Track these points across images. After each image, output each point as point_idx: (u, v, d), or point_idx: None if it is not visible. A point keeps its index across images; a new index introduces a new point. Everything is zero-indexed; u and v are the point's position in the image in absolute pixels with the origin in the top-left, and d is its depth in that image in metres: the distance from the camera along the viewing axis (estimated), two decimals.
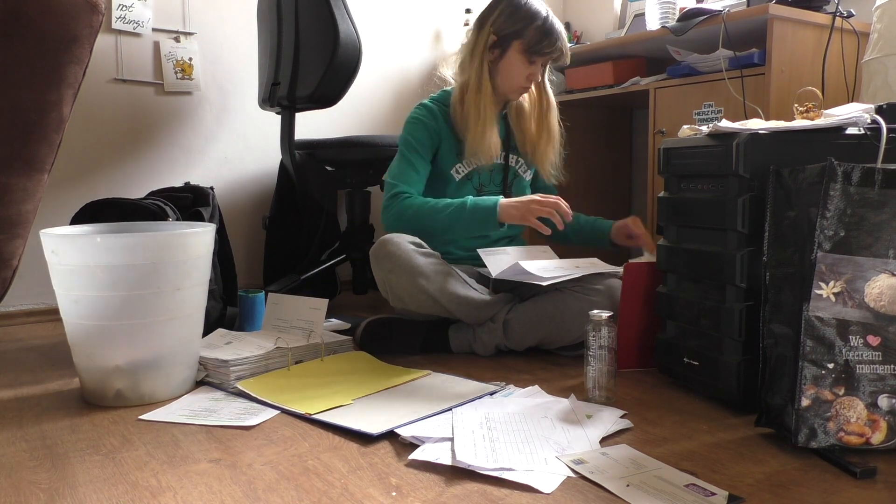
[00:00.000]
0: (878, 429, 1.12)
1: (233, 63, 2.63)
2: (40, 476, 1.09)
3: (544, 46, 1.84)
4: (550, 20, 1.85)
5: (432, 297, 1.70)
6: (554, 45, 1.85)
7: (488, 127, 1.85)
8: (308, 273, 2.34)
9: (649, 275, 1.60)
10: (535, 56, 1.84)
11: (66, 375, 1.63)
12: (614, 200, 3.12)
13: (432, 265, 1.72)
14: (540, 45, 1.83)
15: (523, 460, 1.10)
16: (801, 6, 2.07)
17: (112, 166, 2.44)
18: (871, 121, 1.30)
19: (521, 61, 1.85)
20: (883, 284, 1.13)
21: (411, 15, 2.98)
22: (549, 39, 1.83)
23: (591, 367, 1.40)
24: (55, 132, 1.34)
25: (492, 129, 1.86)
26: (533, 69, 1.86)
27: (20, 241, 1.42)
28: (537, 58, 1.85)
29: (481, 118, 1.85)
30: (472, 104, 1.86)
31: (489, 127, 1.86)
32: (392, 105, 2.95)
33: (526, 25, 1.83)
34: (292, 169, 2.34)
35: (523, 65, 1.85)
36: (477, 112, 1.85)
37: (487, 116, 1.86)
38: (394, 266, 1.70)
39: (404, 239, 1.74)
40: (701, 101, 2.23)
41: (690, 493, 0.99)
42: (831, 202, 1.13)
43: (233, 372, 1.50)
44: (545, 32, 1.83)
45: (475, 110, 1.85)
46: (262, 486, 1.04)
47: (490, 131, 1.86)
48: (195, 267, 1.44)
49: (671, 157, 1.47)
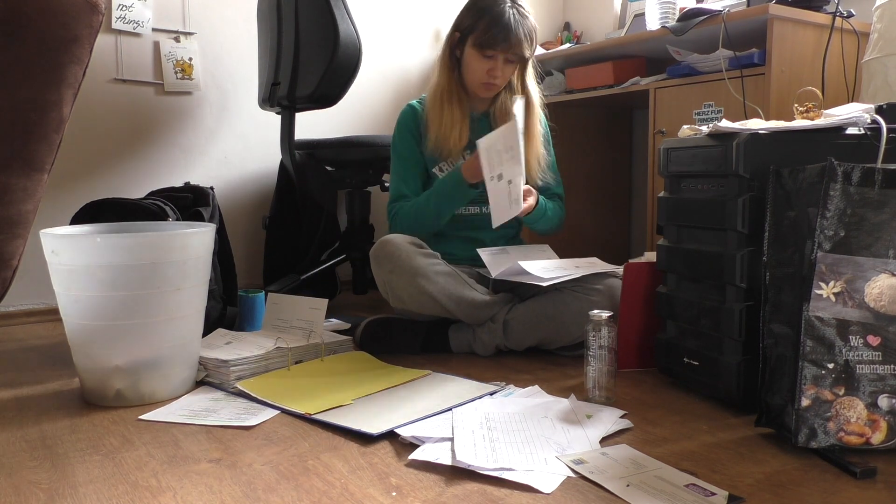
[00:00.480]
0: (878, 429, 1.12)
1: (233, 63, 2.63)
2: (40, 476, 1.09)
3: (492, 38, 1.78)
4: (504, 11, 1.78)
5: (432, 297, 1.70)
6: (501, 36, 1.78)
7: (447, 122, 1.85)
8: (308, 273, 2.34)
9: (649, 275, 1.60)
10: (486, 49, 1.80)
11: (66, 375, 1.63)
12: (614, 200, 3.12)
13: (432, 265, 1.72)
14: (487, 36, 1.79)
15: (523, 460, 1.10)
16: (801, 6, 2.07)
17: (112, 166, 2.44)
18: (871, 121, 1.30)
19: (475, 56, 1.82)
20: (883, 284, 1.13)
21: (411, 15, 2.98)
22: (496, 30, 1.78)
23: (591, 367, 1.40)
24: (55, 132, 1.34)
25: (453, 124, 1.85)
26: (491, 63, 1.82)
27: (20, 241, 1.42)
28: (489, 51, 1.80)
29: (442, 114, 1.85)
30: (434, 100, 1.88)
31: (448, 122, 1.85)
32: (392, 105, 2.94)
33: (478, 18, 1.81)
34: (292, 169, 2.34)
35: (479, 59, 1.82)
36: (439, 108, 1.86)
37: (448, 112, 1.85)
38: (394, 267, 1.71)
39: (404, 239, 1.74)
40: (701, 101, 2.23)
41: (690, 493, 0.99)
42: (831, 202, 1.13)
43: (233, 372, 1.50)
44: (494, 23, 1.78)
45: (437, 109, 1.87)
46: (262, 486, 1.04)
47: (450, 126, 1.85)
48: (195, 267, 1.44)
49: (671, 157, 1.47)
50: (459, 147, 1.88)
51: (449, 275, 1.72)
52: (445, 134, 1.86)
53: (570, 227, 2.93)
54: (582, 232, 3.00)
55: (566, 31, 3.29)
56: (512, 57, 1.82)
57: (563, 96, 2.77)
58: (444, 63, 1.89)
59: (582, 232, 3.00)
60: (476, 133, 1.88)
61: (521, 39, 1.79)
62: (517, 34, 1.78)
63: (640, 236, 3.11)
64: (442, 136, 1.86)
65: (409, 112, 1.95)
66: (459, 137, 1.87)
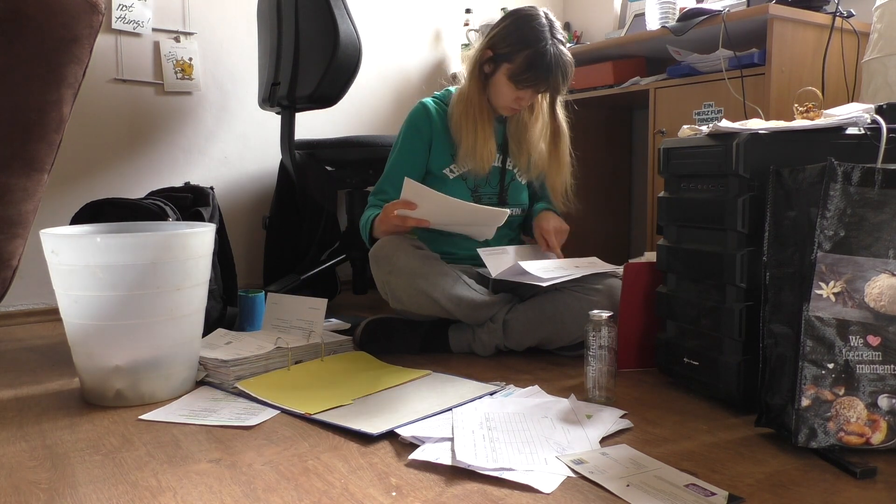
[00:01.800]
0: (878, 429, 1.12)
1: (233, 63, 2.63)
2: (40, 476, 1.09)
3: (529, 78, 1.73)
4: (546, 51, 1.71)
5: (431, 298, 1.70)
6: (540, 80, 1.73)
7: (480, 139, 1.82)
8: (308, 273, 2.34)
9: (649, 275, 1.60)
10: (520, 84, 1.75)
11: (66, 375, 1.63)
12: (614, 200, 3.12)
13: (431, 266, 1.71)
14: (525, 75, 1.73)
15: (523, 460, 1.10)
16: (801, 6, 2.07)
17: (112, 166, 2.44)
18: (871, 121, 1.30)
19: (507, 85, 1.77)
20: (883, 284, 1.13)
21: (411, 15, 2.98)
22: (535, 73, 1.72)
23: (591, 367, 1.40)
24: (55, 132, 1.34)
25: (485, 141, 1.83)
26: (521, 94, 1.77)
27: (20, 241, 1.42)
28: (523, 86, 1.75)
29: (474, 130, 1.81)
30: (464, 115, 1.83)
31: (481, 139, 1.82)
32: (392, 105, 2.94)
33: (518, 51, 1.73)
34: (292, 169, 2.34)
35: (509, 89, 1.77)
36: (472, 125, 1.82)
37: (480, 128, 1.81)
38: (393, 268, 1.70)
39: (404, 241, 1.74)
40: (701, 101, 2.23)
41: (690, 493, 0.99)
42: (831, 202, 1.13)
43: (233, 372, 1.50)
44: (533, 64, 1.72)
45: (468, 122, 1.82)
46: (262, 486, 1.04)
47: (483, 143, 1.82)
48: (195, 267, 1.44)
49: (671, 157, 1.47)
50: (489, 162, 1.85)
51: (448, 275, 1.72)
52: (479, 150, 1.82)
53: (571, 227, 2.94)
54: (582, 232, 2.99)
55: (566, 31, 3.28)
56: (548, 94, 1.82)
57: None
58: (476, 74, 1.82)
59: (582, 232, 2.99)
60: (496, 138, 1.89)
61: (559, 80, 1.76)
62: (555, 78, 1.74)
63: (640, 236, 3.11)
64: (473, 151, 1.82)
65: (422, 112, 1.89)
66: (490, 153, 1.84)
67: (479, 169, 1.85)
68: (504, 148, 1.92)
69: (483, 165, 1.84)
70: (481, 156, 1.82)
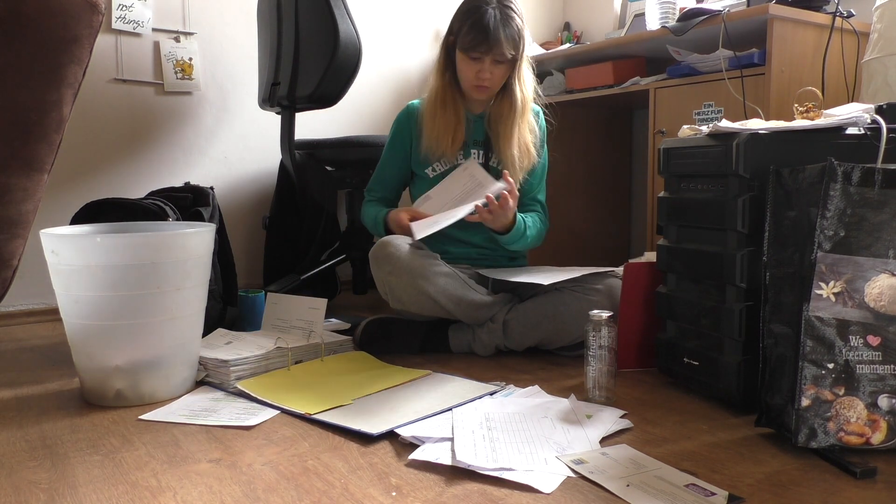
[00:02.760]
0: (878, 429, 1.12)
1: (233, 63, 2.63)
2: (40, 476, 1.09)
3: (473, 41, 1.76)
4: (485, 12, 1.75)
5: (432, 298, 1.70)
6: (483, 42, 1.75)
7: (441, 125, 1.85)
8: (308, 273, 2.34)
9: (649, 275, 1.60)
10: (470, 52, 1.78)
11: (66, 375, 1.63)
12: (614, 200, 3.12)
13: (432, 266, 1.71)
14: (468, 39, 1.77)
15: (523, 460, 1.10)
16: (801, 6, 2.07)
17: (112, 166, 2.44)
18: (871, 121, 1.30)
19: (464, 59, 1.81)
20: (883, 284, 1.13)
21: (411, 15, 2.98)
22: (477, 36, 1.75)
23: (591, 367, 1.40)
24: (55, 132, 1.34)
25: (447, 130, 1.85)
26: (478, 66, 1.79)
27: (20, 241, 1.42)
28: (473, 53, 1.78)
29: (437, 119, 1.86)
30: (429, 106, 1.89)
31: (442, 125, 1.85)
32: (392, 105, 2.94)
33: (464, 21, 1.79)
34: (292, 169, 2.34)
35: (467, 62, 1.80)
36: (432, 113, 1.87)
37: (441, 117, 1.85)
38: (393, 268, 1.70)
39: (404, 241, 1.74)
40: (701, 101, 2.23)
41: (690, 493, 0.99)
42: (831, 202, 1.13)
43: (233, 372, 1.50)
44: (474, 26, 1.76)
45: (431, 112, 1.87)
46: (262, 486, 1.04)
47: (445, 132, 1.85)
48: (195, 267, 1.44)
49: (671, 157, 1.47)
50: (454, 149, 1.88)
51: (448, 275, 1.72)
52: (439, 136, 1.85)
53: (571, 228, 2.95)
54: (582, 232, 3.00)
55: (566, 31, 3.29)
56: (499, 58, 1.78)
57: (563, 96, 2.77)
58: (439, 66, 1.89)
59: (582, 232, 3.00)
60: (471, 133, 1.90)
61: (502, 41, 1.75)
62: (496, 36, 1.74)
63: (640, 236, 3.11)
64: (435, 138, 1.86)
65: (405, 115, 1.97)
66: (453, 140, 1.86)
67: (443, 155, 1.88)
68: (486, 144, 1.91)
69: (444, 151, 1.86)
70: (442, 140, 1.85)
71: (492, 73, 1.80)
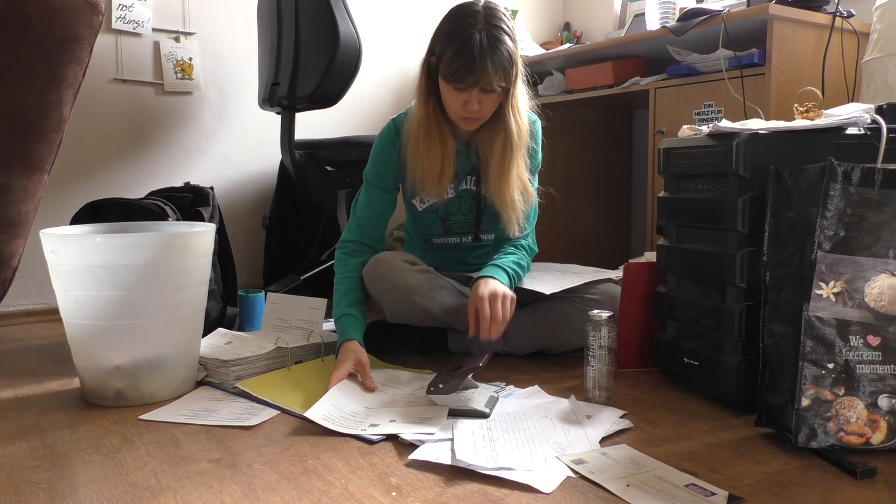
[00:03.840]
0: (878, 429, 1.12)
1: (233, 63, 2.63)
2: (40, 476, 1.09)
3: (457, 71, 1.49)
4: (470, 38, 1.47)
5: (429, 312, 1.67)
6: (469, 74, 1.48)
7: (427, 163, 1.61)
8: (308, 273, 2.34)
9: (649, 275, 1.60)
10: (454, 83, 1.51)
11: (66, 375, 1.63)
12: (614, 200, 3.12)
13: (427, 281, 1.67)
14: (452, 70, 1.50)
15: (523, 460, 1.10)
16: (801, 6, 2.07)
17: (112, 166, 2.44)
18: (871, 121, 1.30)
19: (448, 89, 1.54)
20: (883, 284, 1.13)
21: (411, 15, 2.98)
22: (462, 66, 1.48)
23: (591, 367, 1.40)
24: (55, 132, 1.34)
25: (433, 165, 1.61)
26: (465, 97, 1.52)
27: (20, 241, 1.42)
28: (459, 84, 1.50)
29: (421, 153, 1.61)
30: (411, 137, 1.63)
31: (430, 163, 1.61)
32: (392, 105, 2.94)
33: (446, 45, 1.51)
34: (292, 169, 2.34)
35: (452, 93, 1.53)
36: (416, 146, 1.62)
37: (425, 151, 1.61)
38: (388, 287, 1.65)
39: (398, 258, 1.68)
40: (701, 101, 2.23)
41: (690, 493, 0.99)
42: (831, 202, 1.13)
43: (233, 372, 1.50)
44: (459, 53, 1.48)
45: (415, 145, 1.62)
46: (262, 486, 1.04)
47: (432, 167, 1.62)
48: (195, 267, 1.44)
49: (671, 157, 1.47)
50: (441, 187, 1.65)
51: (444, 288, 1.69)
52: (425, 173, 1.63)
53: (571, 228, 2.95)
54: (582, 232, 3.00)
55: (566, 31, 3.29)
56: (488, 87, 1.51)
57: (563, 96, 2.77)
58: (421, 91, 1.61)
59: (582, 232, 3.00)
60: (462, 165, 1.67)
61: (489, 72, 1.48)
62: (483, 65, 1.47)
63: (640, 236, 3.11)
64: (421, 174, 1.63)
65: (387, 134, 1.71)
66: (440, 177, 1.63)
67: (435, 195, 1.68)
68: (477, 171, 1.71)
69: (435, 190, 1.65)
70: (429, 177, 1.62)
71: (481, 102, 1.53)
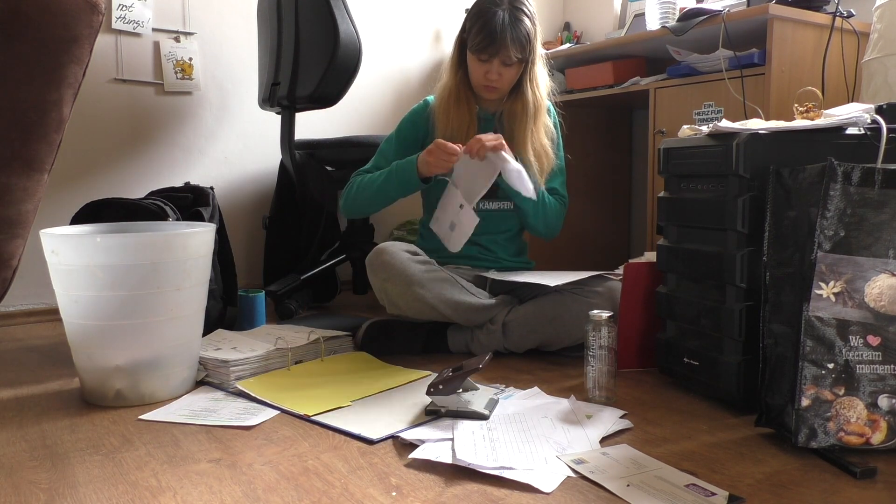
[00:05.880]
0: (878, 429, 1.12)
1: (233, 63, 2.63)
2: (40, 476, 1.09)
3: (482, 42, 1.75)
4: (495, 13, 1.74)
5: (429, 304, 1.69)
6: (490, 45, 1.74)
7: (455, 126, 1.83)
8: (308, 273, 2.34)
9: (649, 275, 1.60)
10: (479, 54, 1.78)
11: (66, 375, 1.63)
12: (614, 200, 3.12)
13: (427, 272, 1.70)
14: (477, 42, 1.76)
15: (523, 460, 1.10)
16: (801, 6, 2.07)
17: (112, 166, 2.44)
18: (871, 121, 1.30)
19: (473, 60, 1.81)
20: (883, 284, 1.13)
21: (411, 15, 2.98)
22: (485, 38, 1.74)
23: (591, 367, 1.40)
24: (55, 132, 1.34)
25: (460, 129, 1.82)
26: (487, 67, 1.78)
27: (20, 241, 1.42)
28: (482, 55, 1.77)
29: (450, 117, 1.84)
30: (441, 103, 1.87)
31: (458, 126, 1.83)
32: (392, 105, 2.94)
33: (474, 22, 1.78)
34: (292, 169, 2.34)
35: (476, 63, 1.80)
36: (445, 111, 1.85)
37: (454, 115, 1.83)
38: (389, 276, 1.69)
39: (399, 248, 1.73)
40: (701, 101, 2.23)
41: (690, 493, 0.99)
42: (831, 202, 1.13)
43: (233, 372, 1.50)
44: (484, 28, 1.74)
45: (443, 109, 1.85)
46: (262, 486, 1.04)
47: (458, 130, 1.82)
48: (195, 267, 1.44)
49: (671, 157, 1.47)
50: None
51: (445, 280, 1.71)
52: (452, 135, 1.81)
53: (570, 228, 2.93)
54: (582, 232, 3.00)
55: (566, 31, 3.29)
56: (507, 61, 1.77)
57: (563, 96, 2.76)
58: (452, 63, 1.88)
59: (582, 232, 3.00)
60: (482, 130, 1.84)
61: (509, 44, 1.74)
62: (504, 39, 1.73)
63: (640, 236, 3.11)
64: (449, 137, 1.80)
65: (423, 106, 1.95)
66: (466, 139, 1.79)
67: None
68: None
69: None
70: (455, 139, 1.79)
71: (500, 74, 1.79)
